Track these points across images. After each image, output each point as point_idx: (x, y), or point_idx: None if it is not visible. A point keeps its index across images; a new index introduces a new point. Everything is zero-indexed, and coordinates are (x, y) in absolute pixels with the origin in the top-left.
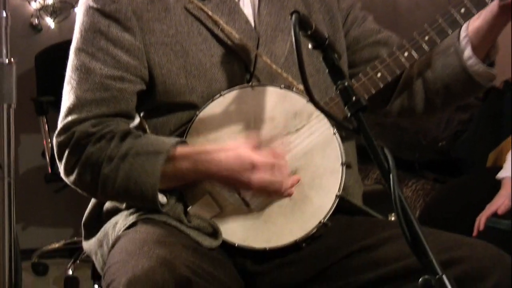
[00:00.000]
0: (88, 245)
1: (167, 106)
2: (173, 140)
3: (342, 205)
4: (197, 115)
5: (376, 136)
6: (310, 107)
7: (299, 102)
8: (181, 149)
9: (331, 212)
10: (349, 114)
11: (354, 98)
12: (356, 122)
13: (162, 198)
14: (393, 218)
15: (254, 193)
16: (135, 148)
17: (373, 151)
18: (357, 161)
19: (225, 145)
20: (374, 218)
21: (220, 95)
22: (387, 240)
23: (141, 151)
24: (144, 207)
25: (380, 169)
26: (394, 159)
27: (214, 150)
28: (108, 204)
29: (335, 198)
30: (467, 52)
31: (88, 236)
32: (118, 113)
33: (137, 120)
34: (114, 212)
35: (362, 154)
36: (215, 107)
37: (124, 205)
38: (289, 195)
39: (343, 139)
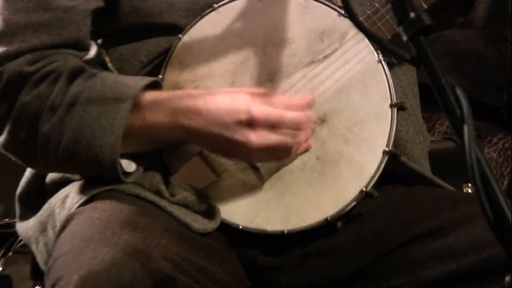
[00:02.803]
0: (25, 229)
1: (137, 30)
2: (141, 80)
3: (396, 169)
4: (180, 39)
5: (445, 70)
6: (344, 23)
7: (327, 16)
8: (154, 94)
9: (377, 176)
10: (404, 38)
11: (412, 13)
12: (416, 50)
13: (129, 165)
14: (469, 190)
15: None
16: (87, 92)
17: (440, 92)
18: (419, 106)
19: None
20: (442, 190)
21: (213, 9)
22: (460, 221)
23: (95, 97)
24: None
25: (450, 118)
26: (471, 103)
27: (200, 95)
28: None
29: (383, 156)
30: None
31: (25, 216)
32: (65, 43)
33: (93, 51)
34: (63, 182)
35: (425, 97)
36: (206, 26)
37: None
38: (306, 150)
39: (394, 69)
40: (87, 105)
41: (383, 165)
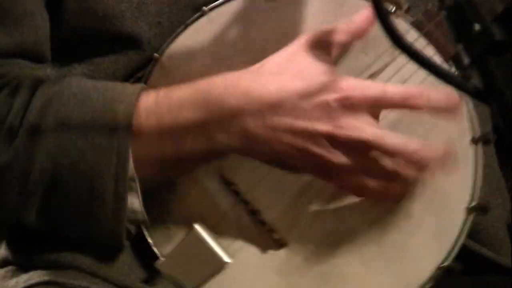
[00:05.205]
0: None
1: (90, 43)
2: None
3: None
4: (157, 58)
5: None
6: (398, 25)
7: None
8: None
9: (459, 244)
10: (466, 60)
11: (477, 24)
12: (482, 78)
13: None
14: None
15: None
16: (58, 105)
17: None
18: (495, 154)
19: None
20: None
21: (202, 14)
22: None
23: (77, 113)
24: (69, 246)
25: None
26: None
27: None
28: None
29: (467, 215)
30: None
31: None
32: (17, 51)
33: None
34: None
35: (499, 145)
36: (193, 39)
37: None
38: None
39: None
40: (64, 124)
41: (467, 229)
